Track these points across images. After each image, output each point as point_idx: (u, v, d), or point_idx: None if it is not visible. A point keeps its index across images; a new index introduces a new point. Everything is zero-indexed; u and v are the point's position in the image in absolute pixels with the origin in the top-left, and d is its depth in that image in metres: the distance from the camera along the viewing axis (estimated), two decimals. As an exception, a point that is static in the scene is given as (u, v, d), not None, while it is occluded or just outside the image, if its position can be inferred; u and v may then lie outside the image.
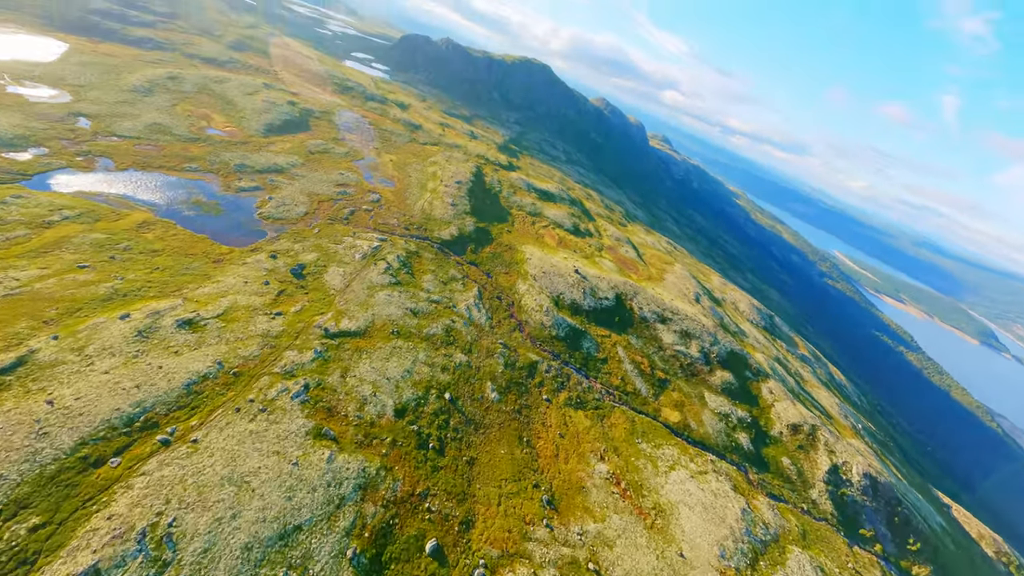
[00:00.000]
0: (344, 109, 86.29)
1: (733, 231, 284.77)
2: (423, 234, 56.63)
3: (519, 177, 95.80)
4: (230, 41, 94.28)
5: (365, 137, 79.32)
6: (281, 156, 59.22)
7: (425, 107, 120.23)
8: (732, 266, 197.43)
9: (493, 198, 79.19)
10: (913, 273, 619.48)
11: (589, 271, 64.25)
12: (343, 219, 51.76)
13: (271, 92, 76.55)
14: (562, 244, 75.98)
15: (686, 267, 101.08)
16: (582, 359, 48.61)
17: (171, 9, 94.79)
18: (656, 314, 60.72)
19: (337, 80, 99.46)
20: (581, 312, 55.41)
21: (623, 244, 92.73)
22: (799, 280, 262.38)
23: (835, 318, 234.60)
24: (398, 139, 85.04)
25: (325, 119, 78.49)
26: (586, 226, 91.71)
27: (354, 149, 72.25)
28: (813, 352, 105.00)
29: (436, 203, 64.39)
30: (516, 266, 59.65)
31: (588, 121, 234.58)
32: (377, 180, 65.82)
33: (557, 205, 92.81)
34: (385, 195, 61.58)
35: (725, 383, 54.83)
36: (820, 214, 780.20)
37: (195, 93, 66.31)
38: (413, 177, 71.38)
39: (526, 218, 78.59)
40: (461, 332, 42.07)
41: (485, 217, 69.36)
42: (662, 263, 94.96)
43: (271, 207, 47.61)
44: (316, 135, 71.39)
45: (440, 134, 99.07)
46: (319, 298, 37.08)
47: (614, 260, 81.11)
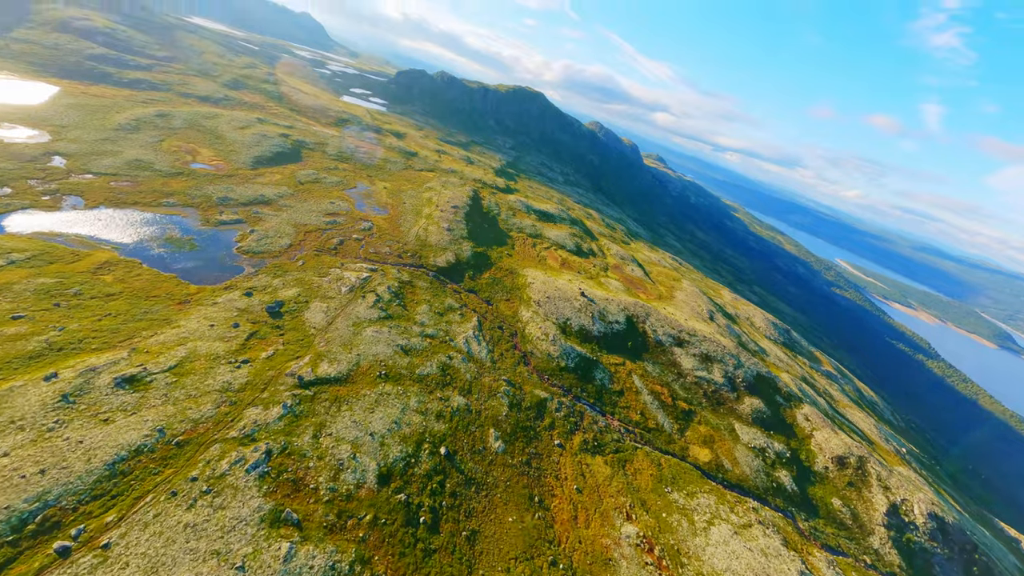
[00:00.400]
0: (339, 140, 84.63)
1: (735, 244, 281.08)
2: (417, 262, 52.51)
3: (517, 199, 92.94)
4: (227, 80, 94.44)
5: (359, 166, 76.98)
6: (269, 187, 56.21)
7: (422, 135, 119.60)
8: (738, 279, 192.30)
9: (491, 221, 75.70)
10: (917, 278, 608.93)
11: (596, 293, 59.50)
12: (331, 250, 47.84)
13: (264, 126, 74.96)
14: (565, 266, 71.70)
15: (694, 283, 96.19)
16: (595, 392, 43.09)
17: (170, 53, 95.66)
18: (672, 337, 55.37)
19: (333, 113, 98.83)
20: (591, 339, 50.26)
21: (628, 262, 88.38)
22: (806, 291, 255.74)
23: (848, 328, 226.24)
24: (393, 167, 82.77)
25: (319, 150, 76.48)
26: (589, 246, 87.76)
27: (347, 178, 69.58)
28: (837, 367, 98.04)
29: (431, 229, 60.72)
30: (518, 291, 55.08)
31: (583, 144, 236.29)
32: (370, 208, 62.54)
33: (558, 226, 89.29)
34: (378, 223, 58.04)
35: (756, 411, 48.75)
36: (817, 223, 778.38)
37: (184, 129, 64.42)
38: (408, 203, 68.21)
39: (526, 240, 74.74)
40: (459, 370, 37.00)
41: (483, 241, 65.48)
42: (670, 280, 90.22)
43: (252, 240, 43.82)
44: (308, 165, 68.95)
45: (436, 160, 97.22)
46: (296, 339, 32.42)
47: (621, 280, 76.51)
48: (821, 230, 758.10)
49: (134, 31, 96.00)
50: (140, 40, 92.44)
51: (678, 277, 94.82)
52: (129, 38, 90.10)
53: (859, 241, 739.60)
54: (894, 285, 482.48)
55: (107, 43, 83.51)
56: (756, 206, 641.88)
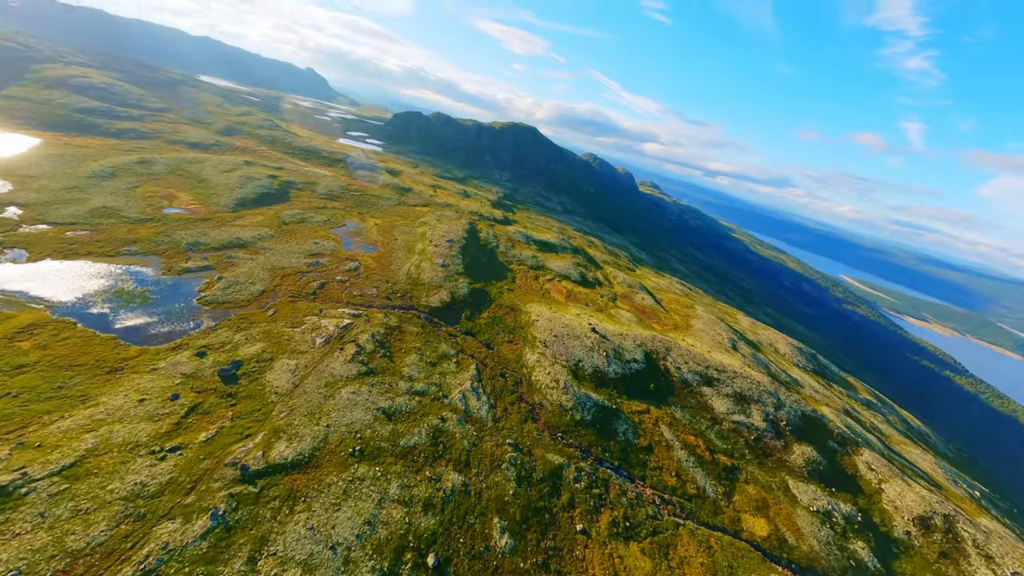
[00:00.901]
0: (330, 179, 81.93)
1: (739, 265, 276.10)
2: (408, 303, 46.82)
3: (516, 230, 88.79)
4: (220, 127, 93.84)
5: (350, 204, 73.43)
6: (248, 229, 51.79)
7: (417, 172, 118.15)
8: (748, 301, 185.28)
9: (490, 254, 70.81)
10: (925, 290, 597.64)
11: (608, 328, 53.18)
12: (309, 295, 42.38)
13: (252, 168, 72.28)
14: (571, 298, 65.87)
15: (708, 309, 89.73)
16: (620, 451, 35.79)
17: (166, 105, 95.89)
18: (699, 374, 48.39)
19: (326, 154, 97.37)
20: (607, 382, 43.43)
21: (637, 290, 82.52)
22: (817, 308, 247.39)
23: (867, 346, 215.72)
24: (386, 203, 79.33)
25: (308, 189, 73.29)
26: (594, 275, 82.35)
27: (336, 216, 65.61)
28: (874, 394, 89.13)
29: (424, 265, 55.58)
30: (521, 331, 48.88)
31: (579, 174, 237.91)
32: (358, 246, 57.83)
33: (560, 255, 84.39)
34: (365, 262, 53.02)
35: (810, 462, 40.87)
36: (815, 240, 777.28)
37: (165, 174, 61.33)
38: (399, 240, 63.65)
39: (528, 273, 69.42)
40: (454, 435, 30.20)
41: (481, 276, 60.13)
42: (683, 307, 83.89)
43: (219, 289, 38.48)
44: (295, 205, 65.24)
45: (431, 195, 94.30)
46: (250, 411, 26.08)
47: (632, 310, 70.34)
48: (820, 247, 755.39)
49: (131, 85, 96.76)
50: (136, 93, 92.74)
51: (691, 303, 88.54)
52: (125, 92, 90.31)
53: (860, 255, 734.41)
54: (902, 298, 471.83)
55: (100, 96, 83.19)
56: (752, 226, 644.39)
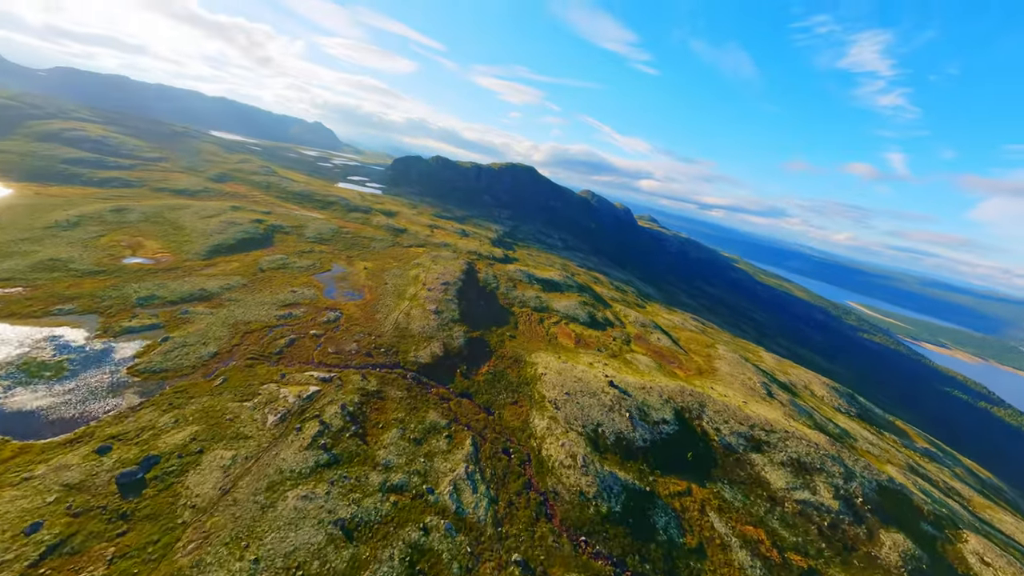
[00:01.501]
0: (321, 222, 77.79)
1: (747, 296, 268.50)
2: (393, 359, 39.61)
3: (517, 269, 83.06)
4: (213, 174, 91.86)
5: (339, 247, 68.40)
6: (216, 279, 45.90)
7: (415, 213, 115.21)
8: (762, 334, 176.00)
9: (489, 297, 64.40)
10: (936, 314, 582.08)
11: (628, 380, 45.33)
12: (274, 355, 35.42)
13: (237, 213, 68.20)
14: (581, 343, 58.43)
15: (729, 347, 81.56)
16: (663, 559, 26.87)
17: (162, 155, 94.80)
18: (743, 436, 39.86)
19: (320, 197, 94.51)
20: (635, 453, 35.04)
21: (651, 330, 75.01)
22: (834, 338, 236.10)
23: (892, 377, 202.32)
24: (378, 245, 74.37)
25: (295, 233, 68.65)
26: (603, 314, 75.32)
27: (322, 260, 60.14)
28: (930, 440, 78.21)
29: (415, 313, 48.93)
30: (527, 388, 41.15)
31: (578, 210, 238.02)
32: (341, 294, 51.59)
33: (565, 295, 77.92)
34: (348, 311, 46.50)
35: (908, 558, 31.29)
36: (816, 268, 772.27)
37: (139, 222, 56.84)
38: (389, 284, 57.58)
39: (531, 316, 62.56)
40: (440, 555, 21.85)
41: (480, 322, 53.26)
42: (703, 347, 75.87)
43: (160, 353, 31.66)
44: (278, 250, 60.05)
45: (427, 235, 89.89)
46: (145, 542, 18.23)
47: (649, 353, 62.53)
48: (822, 274, 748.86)
49: (129, 137, 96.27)
50: (132, 144, 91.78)
51: (710, 342, 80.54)
52: (120, 143, 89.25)
53: (864, 281, 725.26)
54: (915, 324, 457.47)
55: (92, 148, 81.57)
56: (751, 255, 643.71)
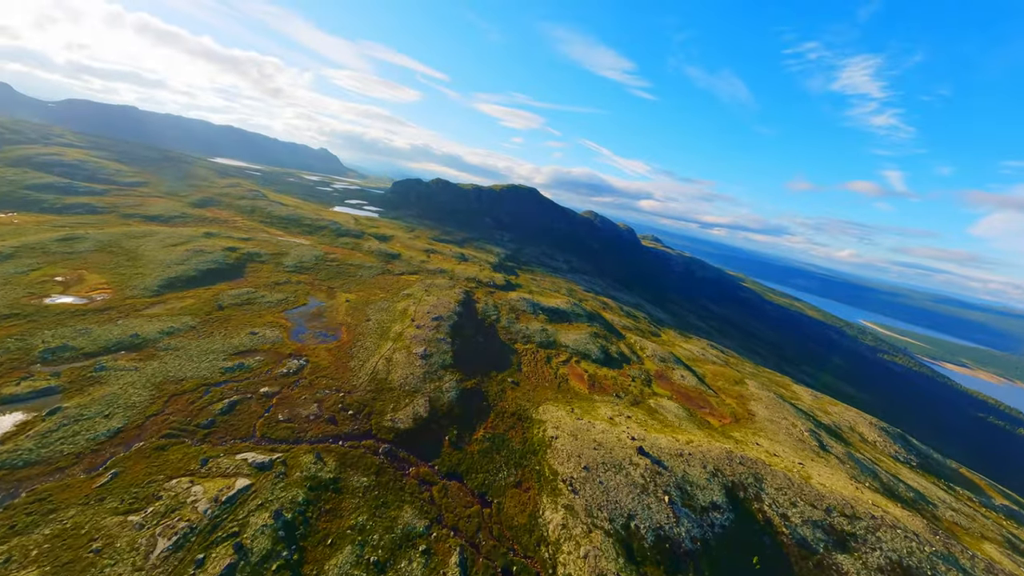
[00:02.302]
0: (305, 248, 70.65)
1: (758, 316, 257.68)
2: (364, 426, 30.90)
3: (520, 297, 74.88)
4: (196, 199, 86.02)
5: (321, 276, 60.80)
6: (158, 321, 37.99)
7: (411, 236, 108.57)
8: (782, 358, 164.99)
9: (488, 332, 55.95)
10: (949, 332, 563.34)
11: (659, 441, 36.14)
12: (201, 428, 26.90)
13: (208, 240, 61.24)
14: (596, 386, 49.38)
15: (759, 382, 71.95)
16: None
17: (143, 179, 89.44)
18: (820, 527, 30.27)
19: (309, 222, 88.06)
20: (682, 560, 25.62)
21: (672, 365, 65.81)
22: (854, 361, 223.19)
23: (919, 403, 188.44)
24: (366, 273, 66.79)
25: (273, 261, 61.32)
26: (618, 347, 66.40)
27: (297, 293, 52.34)
28: (1003, 492, 66.80)
29: (398, 358, 40.49)
30: (533, 459, 32.08)
31: (582, 231, 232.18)
32: (312, 335, 43.38)
33: (574, 326, 69.31)
34: (316, 358, 38.17)
35: None
36: (822, 285, 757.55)
37: (88, 253, 49.70)
38: (372, 321, 49.40)
39: (537, 354, 53.84)
40: None
41: (477, 366, 44.61)
42: (731, 384, 66.36)
43: (35, 435, 23.22)
44: (247, 282, 52.42)
45: (422, 261, 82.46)
46: None
47: (675, 396, 53.22)
48: (829, 291, 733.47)
49: (113, 162, 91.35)
50: (112, 169, 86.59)
51: (738, 377, 70.99)
52: (99, 168, 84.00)
53: (872, 299, 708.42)
54: (932, 343, 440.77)
55: (65, 173, 76.06)
56: (756, 273, 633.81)
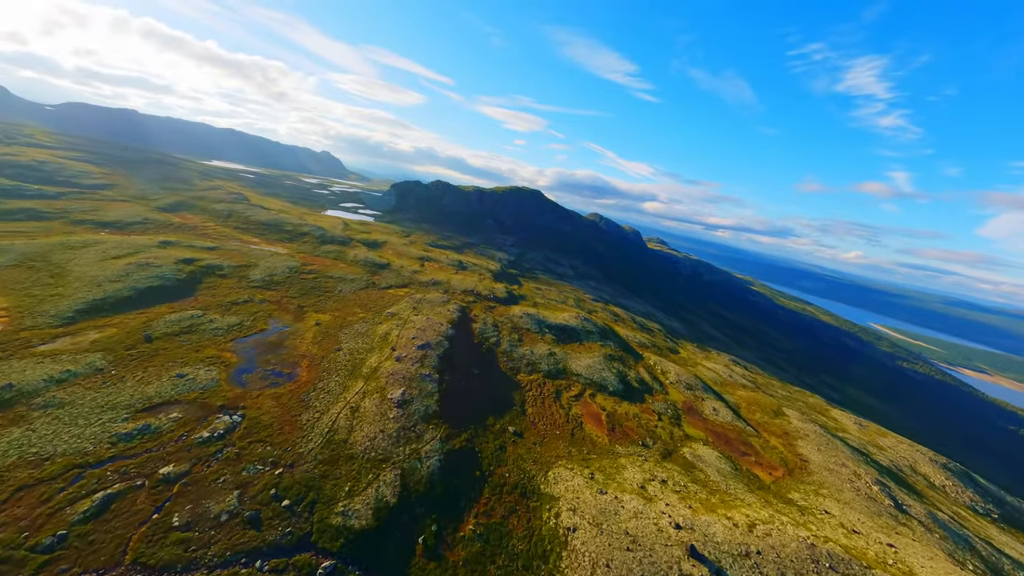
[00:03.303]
0: (281, 258, 61.69)
1: (769, 321, 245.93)
2: (300, 529, 21.34)
3: (524, 312, 65.40)
4: (166, 203, 77.47)
5: (290, 292, 51.70)
6: (52, 362, 28.92)
7: (406, 242, 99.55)
8: (799, 368, 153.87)
9: (485, 361, 46.44)
10: (962, 335, 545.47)
11: (712, 529, 26.49)
12: (39, 550, 17.71)
13: (162, 251, 52.38)
14: (618, 431, 39.75)
15: (797, 410, 61.99)
16: None
17: (111, 181, 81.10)
18: None
19: (290, 227, 79.19)
20: None
21: (700, 393, 55.96)
22: (875, 371, 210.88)
23: (952, 417, 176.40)
24: (346, 287, 57.61)
25: (236, 275, 52.30)
26: (636, 372, 56.65)
27: (256, 316, 43.22)
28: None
29: (367, 406, 31.18)
30: (542, 568, 22.68)
31: (587, 234, 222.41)
32: (262, 373, 34.09)
33: (586, 346, 59.71)
34: (259, 410, 28.92)
35: None
36: (830, 287, 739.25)
37: (7, 267, 40.96)
38: (344, 350, 40.11)
39: (544, 387, 44.31)
40: None
41: (469, 411, 35.14)
42: (770, 416, 56.36)
43: None
44: (197, 302, 43.38)
45: (415, 271, 73.21)
46: None
47: (712, 439, 43.43)
48: (836, 293, 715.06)
49: (81, 163, 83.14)
50: (77, 170, 78.32)
51: (774, 404, 60.98)
52: (60, 169, 75.72)
53: (881, 301, 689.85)
54: (945, 347, 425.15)
55: (16, 175, 67.76)
56: (763, 276, 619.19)
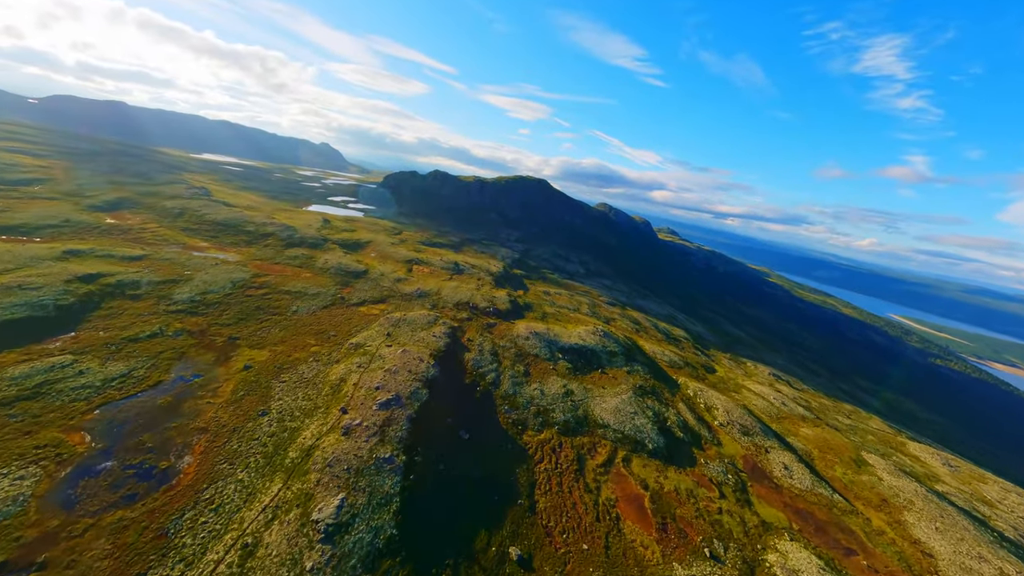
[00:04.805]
0: (226, 269, 48.97)
1: (791, 316, 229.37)
2: None
3: (531, 331, 52.01)
4: (107, 200, 65.08)
5: (224, 318, 39.00)
6: None
7: (395, 242, 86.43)
8: (832, 371, 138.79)
9: (480, 414, 33.37)
10: (986, 325, 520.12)
11: None
12: None
13: (59, 265, 39.92)
14: (669, 527, 26.59)
15: (882, 455, 48.26)
16: None
17: (46, 175, 68.87)
18: None
19: (253, 227, 66.36)
20: None
21: (760, 439, 42.36)
22: (910, 371, 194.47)
23: (1001, 420, 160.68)
24: (305, 305, 44.78)
25: (155, 294, 39.68)
26: (676, 411, 43.25)
27: (159, 359, 30.55)
28: None
29: (271, 542, 18.46)
30: None
31: (597, 226, 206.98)
32: (114, 477, 21.15)
33: (609, 377, 46.38)
34: (69, 569, 16.59)
35: None
36: (847, 277, 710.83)
37: None
38: (273, 411, 27.28)
39: (559, 454, 31.26)
40: None
41: (450, 529, 22.27)
42: (852, 469, 42.59)
43: None
44: (74, 341, 30.80)
45: (399, 279, 60.14)
46: None
47: (795, 523, 30.10)
48: (853, 283, 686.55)
49: (12, 154, 70.83)
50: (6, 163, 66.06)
51: (850, 447, 47.22)
52: (-20, 162, 63.42)
53: (901, 290, 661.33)
54: (971, 338, 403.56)
55: (-86, 169, 55.48)
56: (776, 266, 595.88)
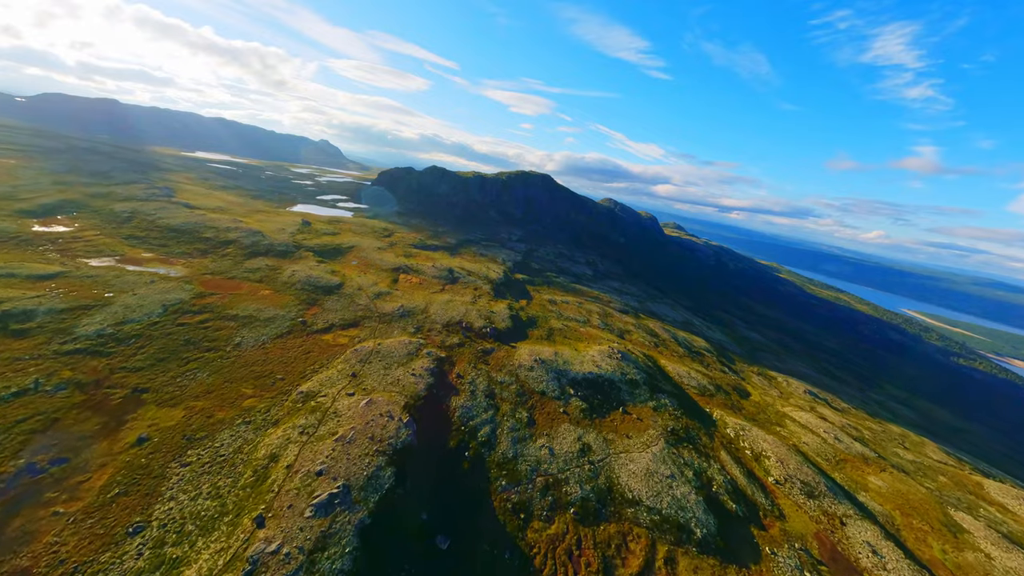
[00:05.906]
0: (163, 287, 39.64)
1: (804, 315, 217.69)
2: None
3: (535, 358, 42.42)
4: (40, 204, 56.06)
5: (137, 360, 29.66)
6: None
7: (383, 246, 76.91)
8: (861, 379, 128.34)
9: (467, 499, 24.06)
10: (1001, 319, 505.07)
11: None
12: None
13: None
14: None
15: (973, 515, 38.58)
16: None
17: (-19, 176, 59.96)
18: None
19: (212, 234, 56.99)
20: None
21: (830, 503, 32.69)
22: (930, 371, 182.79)
23: None
24: (252, 336, 35.42)
25: (51, 328, 30.45)
26: (719, 464, 33.64)
27: (9, 438, 21.55)
28: None
29: None
30: None
31: (603, 223, 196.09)
32: None
33: (632, 418, 36.84)
34: None
35: None
36: (856, 271, 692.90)
37: None
38: (154, 526, 18.15)
39: (578, 553, 22.19)
40: None
41: None
42: (948, 542, 32.65)
43: None
44: None
45: (380, 292, 50.65)
46: None
47: None
48: (863, 277, 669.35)
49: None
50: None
51: (934, 504, 37.48)
52: None
53: (911, 284, 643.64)
54: (987, 333, 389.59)
55: None
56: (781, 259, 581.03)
